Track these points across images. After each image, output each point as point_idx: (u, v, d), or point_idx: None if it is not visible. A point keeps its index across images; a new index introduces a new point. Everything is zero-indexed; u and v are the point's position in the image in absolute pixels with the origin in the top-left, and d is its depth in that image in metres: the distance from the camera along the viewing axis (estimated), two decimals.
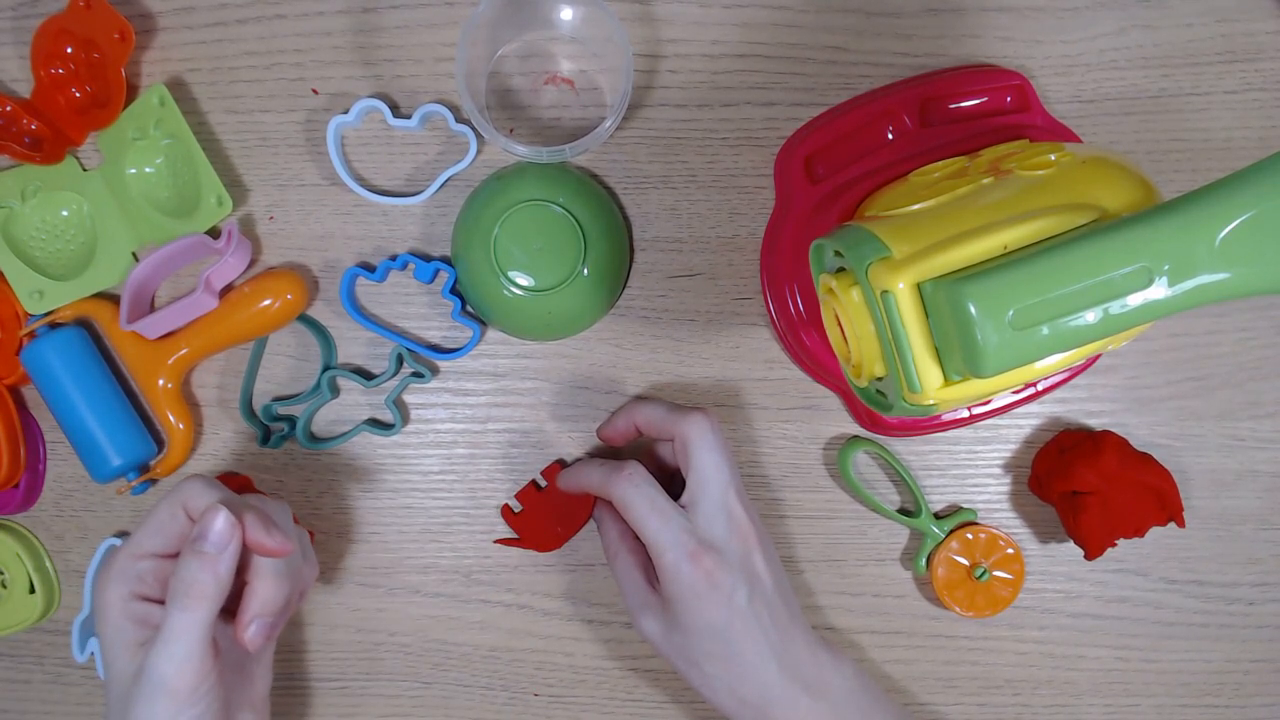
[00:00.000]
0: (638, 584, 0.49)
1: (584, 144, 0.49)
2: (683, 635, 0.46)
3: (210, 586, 0.41)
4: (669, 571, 0.46)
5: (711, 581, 0.45)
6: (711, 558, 0.46)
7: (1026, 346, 0.35)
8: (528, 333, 0.54)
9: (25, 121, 0.52)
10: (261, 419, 0.55)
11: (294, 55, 0.54)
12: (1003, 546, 0.54)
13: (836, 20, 0.54)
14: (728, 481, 0.47)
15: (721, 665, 0.46)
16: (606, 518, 0.52)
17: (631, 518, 0.47)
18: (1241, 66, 0.54)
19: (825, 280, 0.42)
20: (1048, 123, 0.52)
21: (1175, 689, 0.56)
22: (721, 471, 0.47)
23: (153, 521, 0.44)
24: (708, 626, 0.46)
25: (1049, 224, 0.38)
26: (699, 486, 0.47)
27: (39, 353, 0.52)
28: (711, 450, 0.47)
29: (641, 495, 0.47)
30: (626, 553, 0.50)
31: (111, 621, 0.43)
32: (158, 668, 0.40)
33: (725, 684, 0.46)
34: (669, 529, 0.46)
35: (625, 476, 0.47)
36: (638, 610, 0.48)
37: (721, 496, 0.47)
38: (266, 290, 0.52)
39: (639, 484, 0.47)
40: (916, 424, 0.54)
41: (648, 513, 0.46)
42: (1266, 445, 0.55)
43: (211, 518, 0.41)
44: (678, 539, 0.46)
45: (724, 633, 0.46)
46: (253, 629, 0.43)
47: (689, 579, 0.45)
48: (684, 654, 0.47)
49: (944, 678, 0.56)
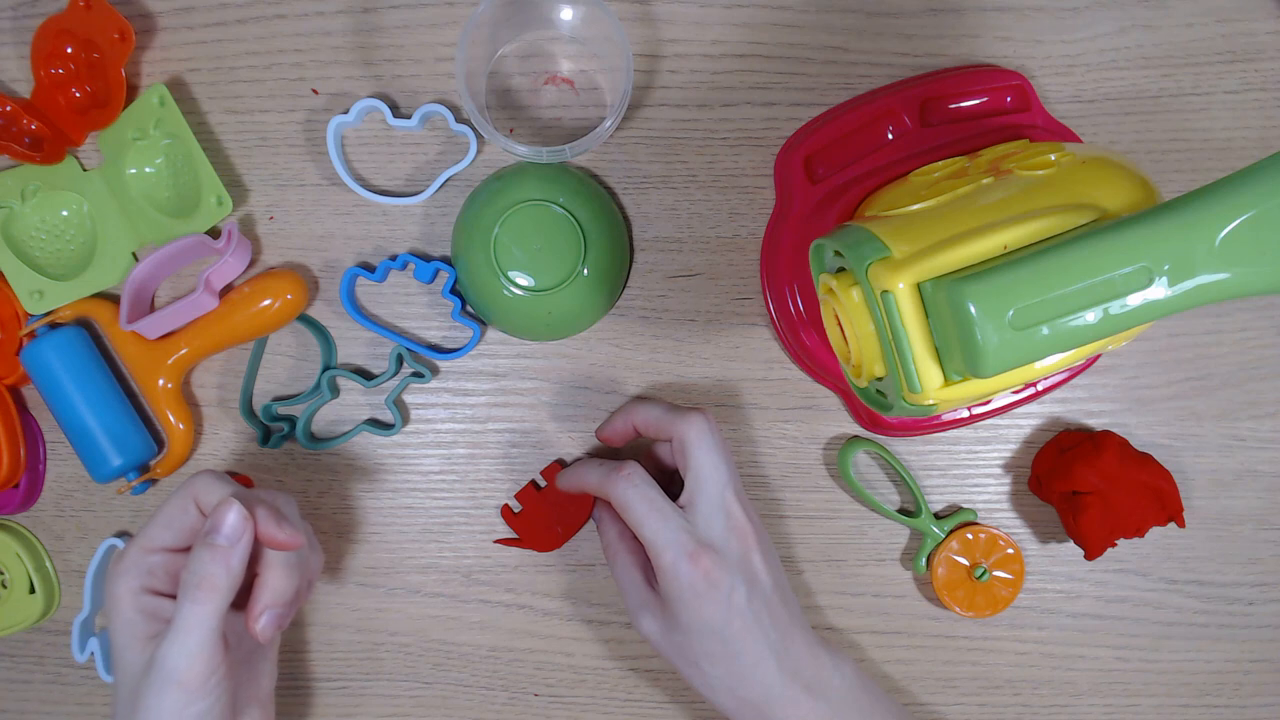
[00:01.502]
0: (637, 584, 0.49)
1: (584, 144, 0.49)
2: (682, 635, 0.46)
3: (223, 579, 0.41)
4: (667, 571, 0.46)
5: (710, 581, 0.45)
6: (710, 557, 0.46)
7: (1026, 346, 0.35)
8: (528, 333, 0.54)
9: (25, 121, 0.52)
10: (261, 419, 0.55)
11: (294, 55, 0.54)
12: (1003, 546, 0.54)
13: (836, 20, 0.54)
14: (726, 481, 0.47)
15: (721, 665, 0.46)
16: (605, 518, 0.52)
17: (630, 518, 0.47)
18: (1241, 66, 0.54)
19: (825, 280, 0.42)
20: (1048, 123, 0.52)
21: (1175, 689, 0.56)
22: (719, 471, 0.47)
23: (164, 515, 0.44)
24: (706, 626, 0.46)
25: (1049, 224, 0.38)
26: (697, 487, 0.47)
27: (39, 353, 0.52)
28: (709, 450, 0.47)
29: (640, 495, 0.47)
30: (626, 553, 0.50)
31: (122, 615, 0.43)
32: (168, 659, 0.41)
33: (725, 684, 0.46)
34: (667, 529, 0.46)
35: (624, 477, 0.47)
36: (637, 610, 0.48)
37: (720, 496, 0.47)
38: (266, 290, 0.52)
39: (637, 484, 0.47)
40: (916, 424, 0.54)
41: (646, 513, 0.46)
42: (1266, 445, 0.55)
43: (224, 511, 0.42)
44: (676, 539, 0.46)
45: (723, 632, 0.46)
46: (264, 620, 0.43)
47: (687, 579, 0.45)
48: (683, 654, 0.47)
49: (944, 678, 0.56)
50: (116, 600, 0.43)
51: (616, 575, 0.50)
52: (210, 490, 0.43)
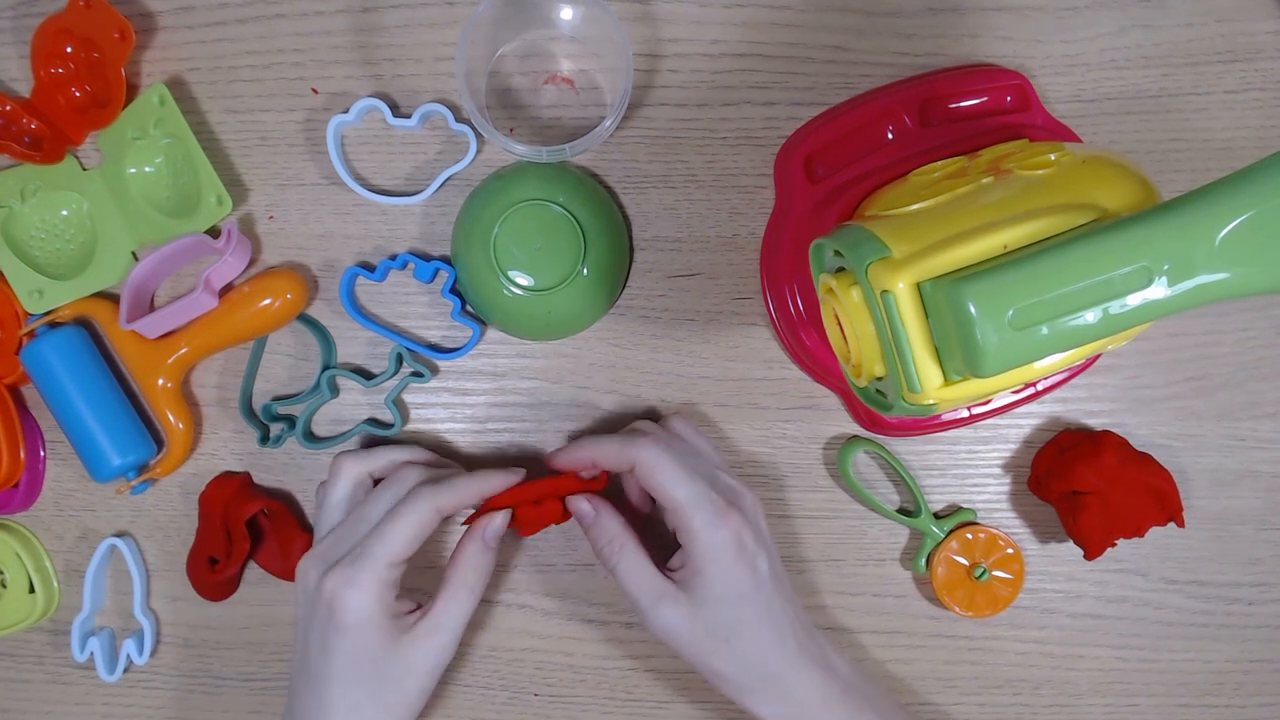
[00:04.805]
0: (650, 574, 0.46)
1: (584, 144, 0.49)
2: (712, 608, 0.45)
3: (490, 573, 0.48)
4: (699, 535, 0.45)
5: (740, 544, 0.45)
6: (738, 516, 0.45)
7: (1026, 346, 0.35)
8: (528, 333, 0.54)
9: (25, 121, 0.52)
10: (261, 419, 0.55)
11: (294, 55, 0.54)
12: (1002, 546, 0.54)
13: (836, 20, 0.54)
14: (716, 464, 0.48)
15: (748, 636, 0.45)
16: (604, 512, 0.48)
17: (658, 480, 0.45)
18: (1241, 66, 0.54)
19: (825, 280, 0.42)
20: (1048, 123, 0.52)
21: (1175, 689, 0.56)
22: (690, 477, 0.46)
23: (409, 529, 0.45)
24: (736, 593, 0.45)
25: (1049, 224, 0.38)
26: (678, 495, 0.46)
27: (39, 352, 0.52)
28: (669, 468, 0.46)
29: (672, 455, 0.46)
30: (634, 543, 0.47)
31: (377, 628, 0.45)
32: (441, 651, 0.46)
33: (750, 657, 0.45)
34: (697, 487, 0.45)
35: (651, 439, 0.46)
36: (655, 602, 0.46)
37: (712, 479, 0.47)
38: (266, 290, 0.52)
39: (665, 445, 0.46)
40: (916, 424, 0.54)
41: (676, 470, 0.45)
42: (1266, 445, 0.55)
43: (496, 517, 0.48)
44: (707, 495, 0.45)
45: (751, 599, 0.45)
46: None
47: (721, 541, 0.45)
48: (712, 631, 0.45)
49: (944, 678, 0.56)
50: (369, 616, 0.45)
51: (625, 569, 0.47)
52: (450, 496, 0.46)
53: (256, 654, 0.56)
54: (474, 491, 0.47)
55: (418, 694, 0.46)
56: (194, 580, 0.55)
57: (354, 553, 0.45)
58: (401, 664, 0.45)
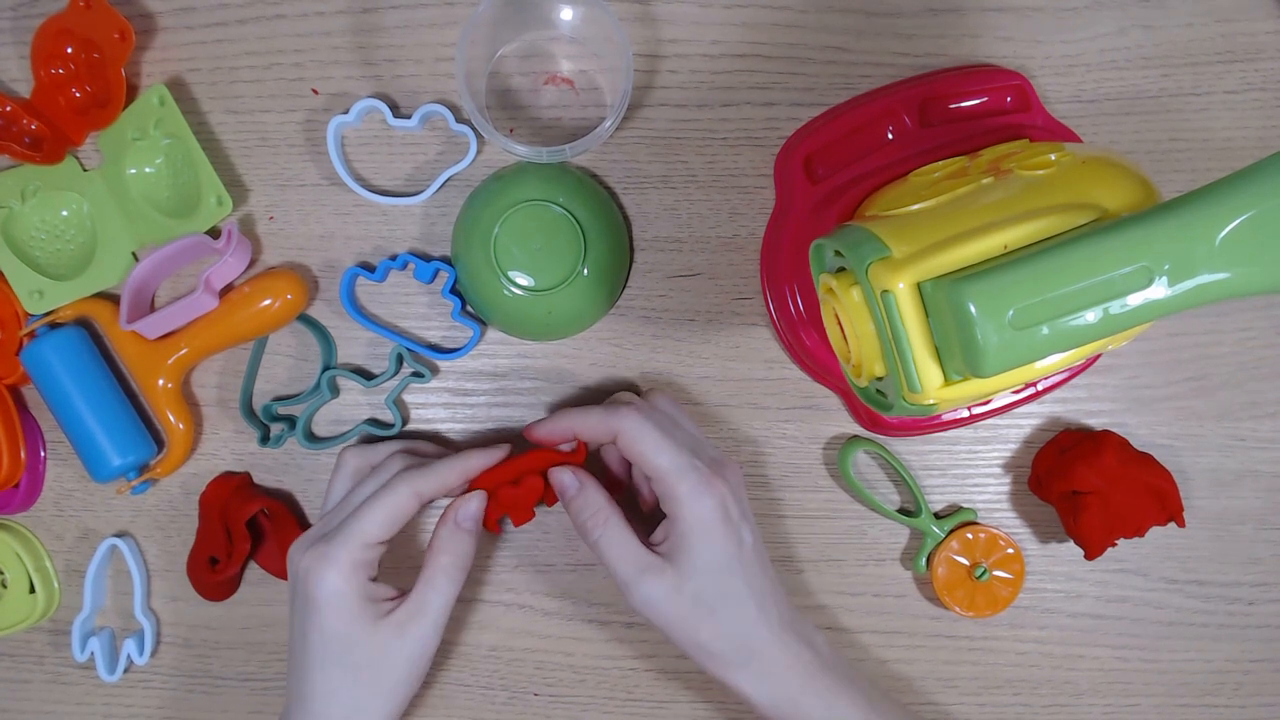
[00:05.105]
0: (633, 546, 0.46)
1: (584, 144, 0.49)
2: (696, 579, 0.45)
3: (470, 558, 0.47)
4: (686, 502, 0.45)
5: (726, 513, 0.45)
6: (722, 484, 0.45)
7: (1026, 346, 0.35)
8: (528, 333, 0.54)
9: (25, 121, 0.52)
10: (261, 419, 0.55)
11: (294, 55, 0.54)
12: (1003, 546, 0.54)
13: (836, 20, 0.54)
14: (695, 439, 0.48)
15: (734, 606, 0.45)
16: (588, 485, 0.47)
17: (642, 449, 0.45)
18: (1241, 66, 0.54)
19: (825, 280, 0.43)
20: (1048, 123, 0.52)
21: (1175, 689, 0.56)
22: (675, 445, 0.46)
23: (385, 512, 0.45)
24: (720, 562, 0.45)
25: (1049, 224, 0.38)
26: (664, 463, 0.45)
27: (39, 353, 0.52)
28: (654, 436, 0.45)
29: (654, 424, 0.46)
30: (617, 515, 0.47)
31: (349, 608, 0.45)
32: (421, 640, 0.46)
33: (734, 629, 0.45)
34: (682, 455, 0.45)
35: (634, 409, 0.46)
36: (638, 575, 0.45)
37: (695, 449, 0.46)
38: (266, 290, 0.52)
39: (647, 415, 0.46)
40: (916, 424, 0.54)
41: (660, 439, 0.45)
42: (1266, 445, 0.55)
43: (471, 498, 0.48)
44: (692, 463, 0.45)
45: (736, 569, 0.45)
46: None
47: (708, 508, 0.45)
48: (697, 602, 0.45)
49: (944, 677, 0.56)
50: (340, 594, 0.45)
51: (607, 542, 0.46)
52: (430, 480, 0.46)
53: (256, 654, 0.57)
54: (455, 473, 0.47)
55: (399, 681, 0.46)
56: (194, 580, 0.55)
57: (330, 533, 0.45)
58: (380, 649, 0.45)
